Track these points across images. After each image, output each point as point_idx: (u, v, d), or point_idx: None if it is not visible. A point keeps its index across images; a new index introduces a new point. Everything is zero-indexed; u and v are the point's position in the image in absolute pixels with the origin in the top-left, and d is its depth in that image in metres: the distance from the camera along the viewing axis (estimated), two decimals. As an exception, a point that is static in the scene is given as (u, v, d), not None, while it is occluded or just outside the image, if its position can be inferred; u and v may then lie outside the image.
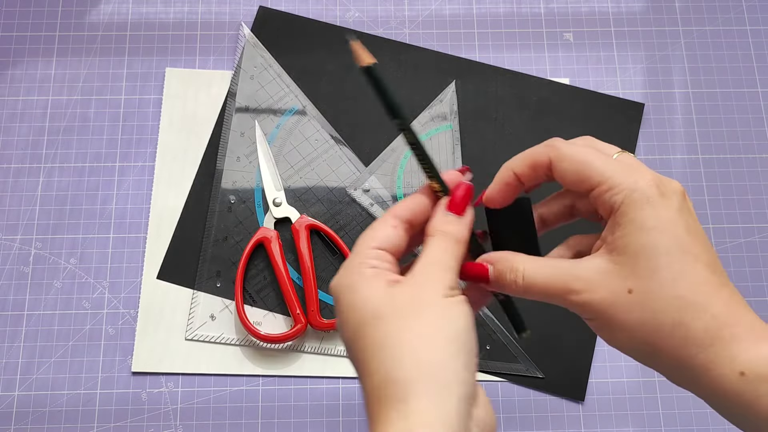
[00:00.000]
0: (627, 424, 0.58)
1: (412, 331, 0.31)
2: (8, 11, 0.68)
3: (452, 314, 0.32)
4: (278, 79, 0.66)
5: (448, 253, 0.34)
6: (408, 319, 0.32)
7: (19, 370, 0.58)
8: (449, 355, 0.31)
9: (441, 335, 0.31)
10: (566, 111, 0.66)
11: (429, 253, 0.35)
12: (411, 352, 0.31)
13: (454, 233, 0.35)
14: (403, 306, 0.32)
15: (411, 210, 0.36)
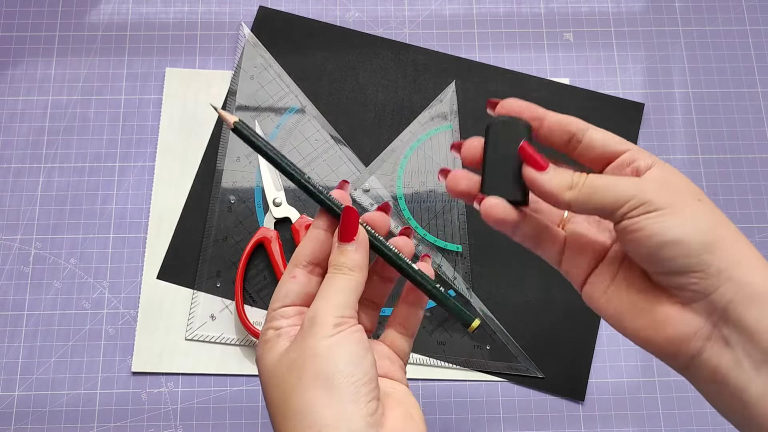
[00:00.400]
0: (627, 424, 0.58)
1: (295, 386, 0.33)
2: (8, 11, 0.68)
3: (330, 356, 0.33)
4: (278, 79, 0.66)
5: (338, 289, 0.35)
6: (293, 374, 0.33)
7: (19, 370, 0.58)
8: (328, 398, 0.32)
9: (318, 382, 0.32)
10: (566, 111, 0.65)
11: (319, 295, 0.36)
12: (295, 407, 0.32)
13: (347, 263, 0.36)
14: (292, 361, 0.34)
15: (311, 250, 0.37)
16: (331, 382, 0.32)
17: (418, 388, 0.59)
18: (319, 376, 0.33)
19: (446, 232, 0.62)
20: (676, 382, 0.59)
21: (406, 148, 0.64)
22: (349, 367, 0.33)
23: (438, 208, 0.63)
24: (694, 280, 0.32)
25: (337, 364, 0.33)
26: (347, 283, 0.36)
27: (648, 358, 0.60)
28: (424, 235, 0.62)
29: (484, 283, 0.61)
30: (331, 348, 0.33)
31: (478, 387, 0.59)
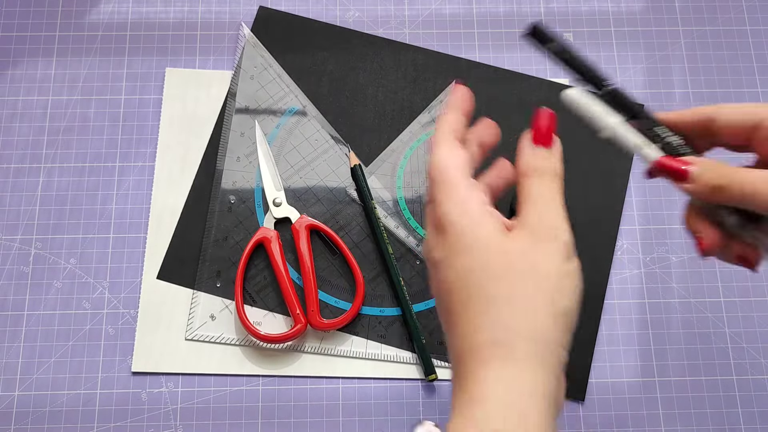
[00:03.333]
0: (627, 424, 0.58)
1: (526, 296, 0.30)
2: (8, 11, 0.68)
3: (567, 288, 0.31)
4: (278, 79, 0.66)
5: (554, 194, 0.32)
6: (522, 282, 0.30)
7: (19, 370, 0.58)
8: (559, 330, 0.31)
9: (553, 309, 0.30)
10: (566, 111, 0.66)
11: (535, 199, 0.32)
12: (524, 318, 0.30)
13: (551, 168, 0.33)
14: (518, 265, 0.31)
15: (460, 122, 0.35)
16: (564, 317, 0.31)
17: (418, 388, 0.59)
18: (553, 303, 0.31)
19: (446, 232, 0.62)
20: (676, 382, 0.59)
21: (406, 149, 0.64)
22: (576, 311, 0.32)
23: (438, 208, 0.63)
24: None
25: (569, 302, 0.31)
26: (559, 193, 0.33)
27: (648, 358, 0.60)
28: (424, 236, 0.62)
29: (484, 283, 0.61)
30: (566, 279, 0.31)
31: (478, 387, 0.59)
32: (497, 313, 0.30)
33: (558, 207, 0.32)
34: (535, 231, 0.31)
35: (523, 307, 0.30)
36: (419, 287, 0.61)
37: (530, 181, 0.33)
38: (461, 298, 0.31)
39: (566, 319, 0.31)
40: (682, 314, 0.61)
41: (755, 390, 0.59)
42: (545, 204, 0.32)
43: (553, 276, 0.31)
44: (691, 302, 0.61)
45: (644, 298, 0.61)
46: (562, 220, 0.32)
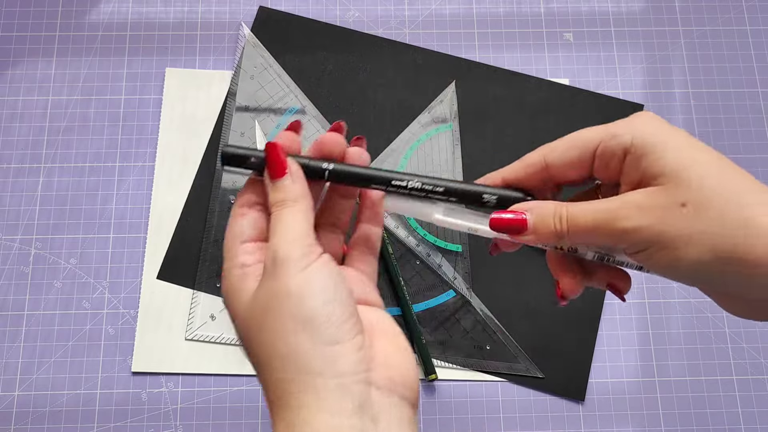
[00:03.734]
0: (627, 424, 0.58)
1: (273, 331, 0.31)
2: (8, 11, 0.68)
3: (304, 295, 0.31)
4: (278, 79, 0.66)
5: (289, 222, 0.33)
6: (267, 319, 0.31)
7: (19, 370, 0.58)
8: (310, 341, 0.30)
9: (297, 325, 0.30)
10: (566, 111, 0.66)
11: (272, 234, 0.33)
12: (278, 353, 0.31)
13: (284, 198, 0.34)
14: (265, 305, 0.32)
15: (252, 191, 0.36)
16: (311, 324, 0.30)
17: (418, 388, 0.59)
18: (297, 318, 0.31)
19: (446, 232, 0.62)
20: (676, 382, 0.59)
21: (406, 149, 0.64)
22: (327, 305, 0.31)
23: (438, 208, 0.63)
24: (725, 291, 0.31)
25: (313, 303, 0.31)
26: (295, 214, 0.33)
27: (648, 358, 0.60)
28: (424, 236, 0.62)
29: (485, 283, 0.61)
30: (303, 285, 0.31)
31: (478, 387, 0.59)
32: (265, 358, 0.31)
33: (289, 229, 0.33)
34: (271, 263, 0.32)
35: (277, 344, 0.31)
36: (419, 287, 0.61)
37: (273, 214, 0.34)
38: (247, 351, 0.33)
39: (314, 323, 0.31)
40: (682, 314, 0.61)
41: (755, 390, 0.59)
42: (277, 232, 0.33)
43: (288, 296, 0.31)
44: (691, 302, 0.61)
45: (644, 298, 0.61)
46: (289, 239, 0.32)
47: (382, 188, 0.36)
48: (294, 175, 0.34)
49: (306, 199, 0.34)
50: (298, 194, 0.34)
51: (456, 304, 0.60)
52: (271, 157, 0.34)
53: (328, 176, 0.36)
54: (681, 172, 0.30)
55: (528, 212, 0.34)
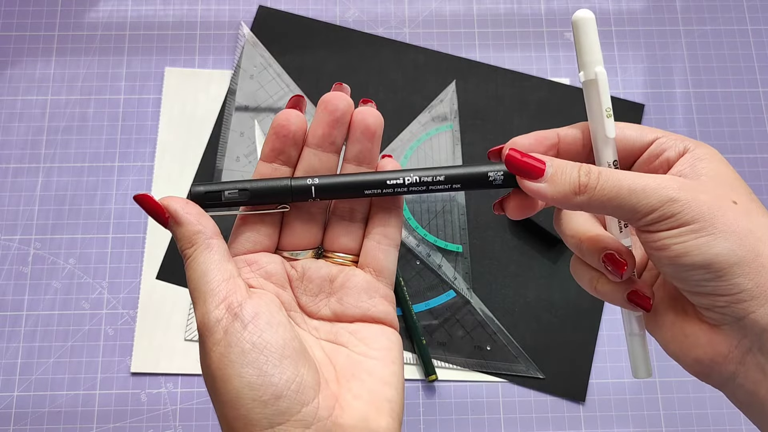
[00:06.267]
0: (628, 424, 0.58)
1: (218, 409, 0.29)
2: (7, 11, 0.68)
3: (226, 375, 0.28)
4: (278, 79, 0.66)
5: (193, 280, 0.30)
6: (210, 394, 0.30)
7: (18, 371, 0.58)
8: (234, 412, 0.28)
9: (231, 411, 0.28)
10: (566, 111, 0.66)
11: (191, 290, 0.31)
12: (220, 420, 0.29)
13: (181, 248, 0.31)
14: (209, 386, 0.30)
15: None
16: (240, 408, 0.28)
17: (418, 388, 0.59)
18: (226, 402, 0.28)
19: (446, 232, 0.62)
20: (677, 383, 0.59)
21: (406, 148, 0.64)
22: (251, 385, 0.28)
23: (438, 208, 0.63)
24: (722, 304, 0.28)
25: (236, 383, 0.28)
26: (197, 260, 0.30)
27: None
28: (424, 235, 0.62)
29: (484, 283, 0.61)
30: (223, 361, 0.28)
31: (478, 388, 0.59)
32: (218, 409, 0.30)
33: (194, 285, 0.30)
34: (199, 333, 0.30)
35: (223, 422, 0.29)
36: (419, 287, 0.60)
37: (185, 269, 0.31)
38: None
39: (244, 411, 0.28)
40: (682, 314, 0.61)
41: (756, 390, 0.59)
42: (191, 293, 0.31)
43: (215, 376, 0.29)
44: (691, 302, 0.61)
45: (645, 299, 0.61)
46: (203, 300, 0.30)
47: (377, 193, 0.33)
48: (176, 215, 0.31)
49: (200, 233, 0.31)
50: (189, 234, 0.31)
51: (456, 304, 0.60)
52: (146, 209, 0.31)
53: (315, 193, 0.32)
54: (733, 178, 0.30)
55: (549, 162, 0.30)
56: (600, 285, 0.32)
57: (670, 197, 0.28)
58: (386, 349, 0.33)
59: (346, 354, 0.32)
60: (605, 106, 0.32)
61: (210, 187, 0.32)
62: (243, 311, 0.29)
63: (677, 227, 0.28)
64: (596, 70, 0.32)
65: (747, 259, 0.27)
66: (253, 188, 0.32)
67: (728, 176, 0.30)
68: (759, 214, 0.29)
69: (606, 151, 0.32)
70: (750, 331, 0.28)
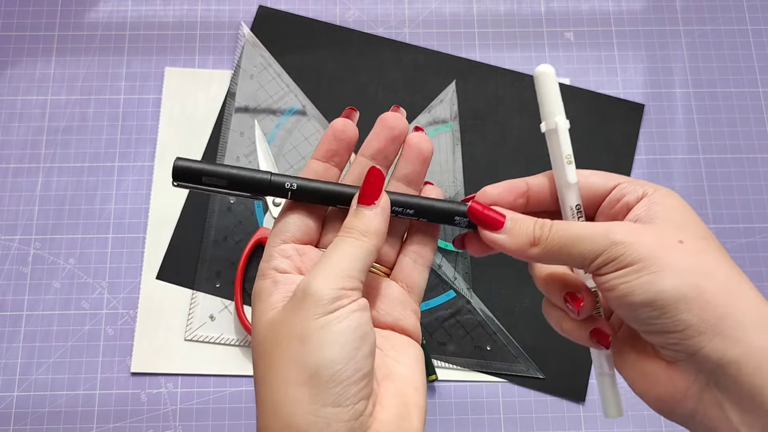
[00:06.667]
0: (628, 425, 0.58)
1: (277, 372, 0.29)
2: (7, 11, 0.68)
3: (319, 343, 0.29)
4: (278, 79, 0.65)
5: (344, 254, 0.31)
6: (276, 355, 0.30)
7: (18, 371, 0.58)
8: (308, 397, 0.28)
9: (301, 375, 0.29)
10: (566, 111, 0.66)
11: (320, 259, 0.31)
12: (272, 398, 0.29)
13: (360, 227, 0.32)
14: (279, 338, 0.30)
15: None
16: (316, 377, 0.28)
17: (418, 388, 0.59)
18: (303, 367, 0.29)
19: (446, 232, 0.62)
20: (677, 383, 0.59)
21: (406, 148, 0.64)
22: (340, 362, 0.29)
23: (438, 208, 0.63)
24: (673, 341, 0.29)
25: (326, 355, 0.29)
26: (356, 248, 0.31)
27: (649, 358, 0.60)
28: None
29: (485, 283, 0.61)
30: (322, 332, 0.29)
31: (478, 387, 0.59)
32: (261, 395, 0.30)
33: (339, 261, 0.31)
34: (301, 292, 0.30)
35: (274, 385, 0.29)
36: (419, 287, 0.60)
37: (336, 238, 0.32)
38: (255, 377, 0.31)
39: (320, 379, 0.28)
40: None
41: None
42: (324, 259, 0.31)
43: (301, 338, 0.29)
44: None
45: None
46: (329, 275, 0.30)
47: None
48: (380, 209, 0.33)
49: (378, 237, 0.32)
50: (373, 230, 0.32)
51: (456, 304, 0.60)
52: (370, 183, 0.33)
53: (291, 195, 0.34)
54: (684, 220, 0.31)
55: (509, 215, 0.33)
56: (565, 323, 0.35)
57: (614, 240, 0.30)
58: (415, 359, 0.35)
59: (381, 356, 0.33)
60: (565, 154, 0.34)
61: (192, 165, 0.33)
62: (357, 302, 0.31)
63: (622, 268, 0.29)
64: (556, 120, 0.34)
65: (690, 295, 0.28)
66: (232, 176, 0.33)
67: (681, 218, 0.31)
68: (707, 250, 0.30)
69: (569, 196, 0.34)
70: (704, 366, 0.29)
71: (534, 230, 0.32)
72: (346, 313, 0.30)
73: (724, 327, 0.28)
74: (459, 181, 0.63)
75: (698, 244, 0.30)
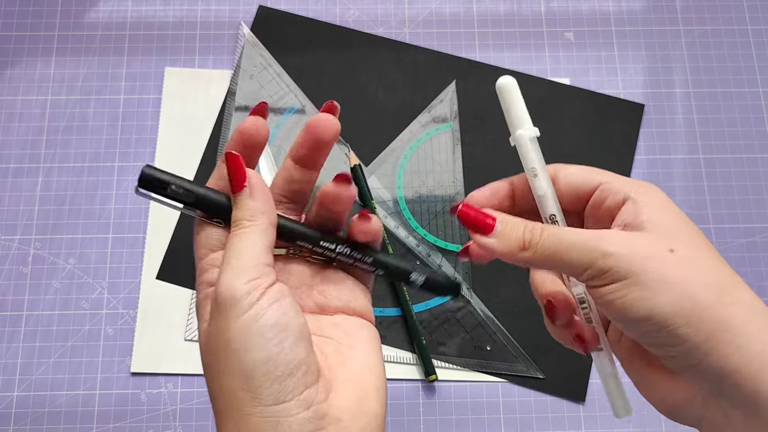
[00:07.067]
0: (628, 425, 0.58)
1: (217, 383, 0.30)
2: (7, 11, 0.68)
3: (242, 348, 0.29)
4: (278, 79, 0.65)
5: (238, 249, 0.30)
6: (214, 366, 0.30)
7: (18, 371, 0.58)
8: (250, 402, 0.28)
9: (236, 383, 0.29)
10: (566, 111, 0.66)
11: (222, 262, 0.30)
12: (224, 408, 0.29)
13: (240, 218, 0.31)
14: (210, 350, 0.30)
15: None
16: (250, 381, 0.28)
17: (418, 388, 0.59)
18: (235, 374, 0.28)
19: (446, 232, 0.62)
20: (677, 383, 0.59)
21: (406, 148, 0.64)
22: (266, 361, 0.28)
23: (438, 208, 0.63)
24: (674, 354, 0.29)
25: (251, 357, 0.28)
26: (248, 236, 0.30)
27: (649, 358, 0.60)
28: (424, 235, 0.62)
29: (485, 283, 0.61)
30: (241, 335, 0.28)
31: (478, 388, 0.59)
32: (217, 411, 0.30)
33: (237, 257, 0.30)
34: (215, 302, 0.30)
35: (227, 399, 0.29)
36: (419, 287, 0.60)
37: (229, 235, 0.31)
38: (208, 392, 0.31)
39: (253, 382, 0.28)
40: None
41: (756, 390, 0.59)
42: (225, 261, 0.30)
43: (230, 343, 0.29)
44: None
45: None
46: (233, 273, 0.30)
47: (307, 246, 0.33)
48: (254, 188, 0.32)
49: (265, 215, 0.31)
50: (256, 210, 0.31)
51: (456, 304, 0.60)
52: (231, 169, 0.32)
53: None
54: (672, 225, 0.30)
55: (499, 218, 0.32)
56: (548, 324, 0.34)
57: (604, 251, 0.29)
58: (368, 340, 0.34)
59: (334, 345, 0.33)
60: (529, 167, 0.33)
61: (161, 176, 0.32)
62: (271, 291, 0.30)
63: (614, 282, 0.29)
64: (518, 133, 0.33)
65: (685, 309, 0.28)
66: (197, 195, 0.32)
67: (669, 221, 0.30)
68: (699, 256, 0.29)
69: (543, 207, 0.33)
70: (707, 377, 0.28)
71: (524, 234, 0.31)
72: (263, 308, 0.29)
73: (722, 337, 0.28)
74: (459, 181, 0.63)
75: (689, 251, 0.29)
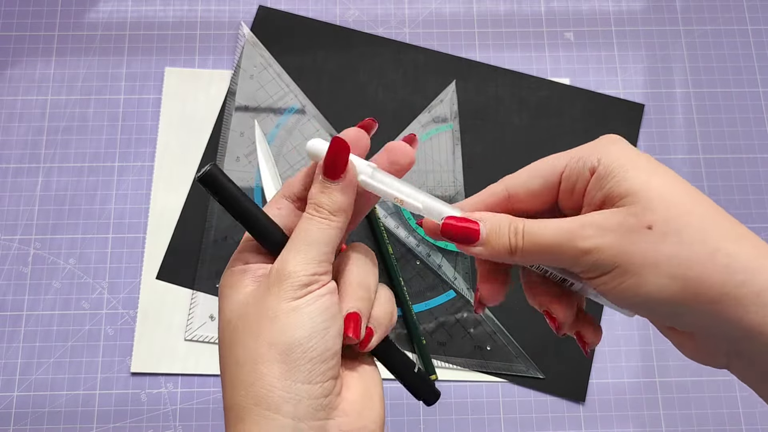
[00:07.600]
0: (628, 425, 0.58)
1: (248, 350, 0.30)
2: (7, 11, 0.68)
3: (293, 323, 0.29)
4: (278, 79, 0.65)
5: (313, 239, 0.31)
6: (245, 334, 0.30)
7: (18, 371, 0.58)
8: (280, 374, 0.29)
9: (272, 353, 0.29)
10: (566, 111, 0.66)
11: (291, 242, 0.31)
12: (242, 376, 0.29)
13: (328, 204, 0.31)
14: (249, 318, 0.30)
15: (303, 185, 0.33)
16: (287, 355, 0.29)
17: None
18: (274, 345, 0.29)
19: (446, 233, 0.62)
20: (677, 383, 0.59)
21: (406, 148, 0.64)
22: (310, 340, 0.29)
23: (438, 208, 0.62)
24: (683, 327, 0.29)
25: (297, 334, 0.29)
26: (325, 232, 0.31)
27: (649, 358, 0.60)
28: (424, 235, 0.62)
29: (485, 284, 0.61)
30: (293, 314, 0.29)
31: (478, 388, 0.59)
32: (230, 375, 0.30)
33: (309, 247, 0.30)
34: (275, 273, 0.30)
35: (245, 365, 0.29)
36: (419, 287, 0.60)
37: (304, 215, 0.31)
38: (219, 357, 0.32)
39: (293, 357, 0.29)
40: (682, 314, 0.61)
41: (756, 390, 0.59)
42: (297, 242, 0.31)
43: (273, 318, 0.29)
44: (691, 302, 0.61)
45: (645, 299, 0.61)
46: (303, 260, 0.30)
47: None
48: (349, 184, 0.32)
49: (346, 215, 0.31)
50: (341, 207, 0.31)
51: (456, 304, 0.60)
52: (334, 153, 0.32)
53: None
54: (647, 193, 0.28)
55: (481, 221, 0.31)
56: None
57: (582, 249, 0.28)
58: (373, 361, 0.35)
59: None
60: (391, 198, 0.32)
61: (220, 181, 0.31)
62: (327, 286, 0.31)
63: (604, 274, 0.28)
64: (361, 179, 0.32)
65: (677, 290, 0.27)
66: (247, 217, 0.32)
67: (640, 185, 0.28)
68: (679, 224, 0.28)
69: (434, 215, 0.32)
70: (723, 339, 0.29)
71: (509, 238, 0.30)
72: (315, 298, 0.30)
73: (724, 306, 0.27)
74: (459, 181, 0.63)
75: (667, 222, 0.28)
